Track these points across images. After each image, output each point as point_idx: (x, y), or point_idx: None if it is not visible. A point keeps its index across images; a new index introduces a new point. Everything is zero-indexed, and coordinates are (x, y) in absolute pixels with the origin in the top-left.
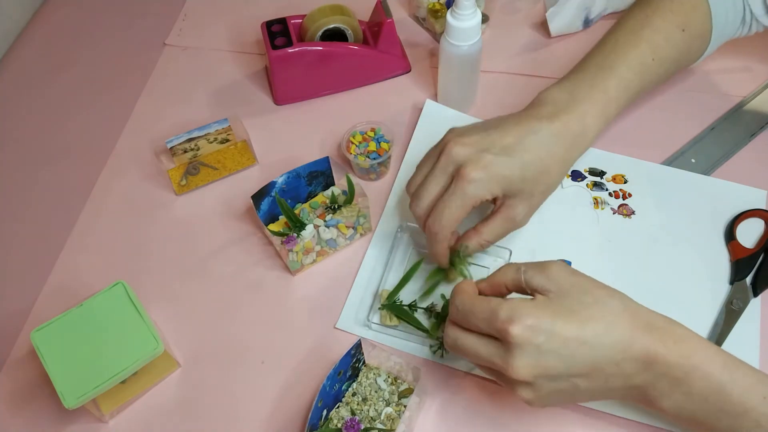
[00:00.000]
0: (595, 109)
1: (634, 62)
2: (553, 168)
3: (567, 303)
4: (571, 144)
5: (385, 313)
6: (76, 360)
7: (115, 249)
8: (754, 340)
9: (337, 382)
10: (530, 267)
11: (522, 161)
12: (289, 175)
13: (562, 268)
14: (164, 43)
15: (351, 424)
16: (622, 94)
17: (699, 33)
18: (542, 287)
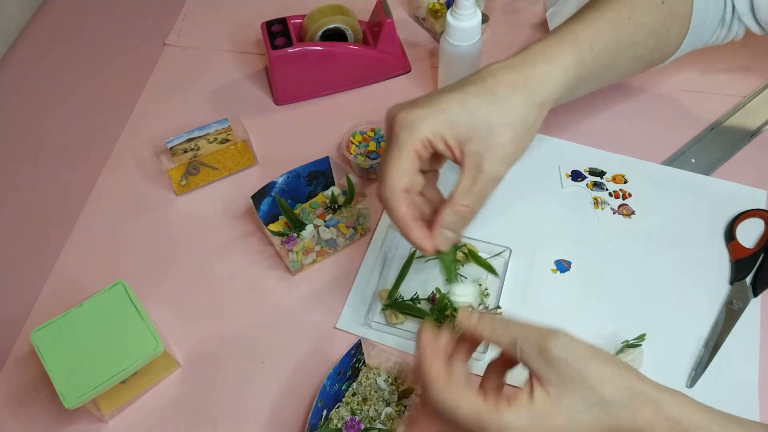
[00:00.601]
0: (560, 43)
1: (609, 15)
2: (510, 96)
3: (568, 404)
4: (531, 72)
5: (389, 312)
6: (76, 360)
7: (115, 249)
8: (754, 340)
9: (337, 382)
10: (528, 343)
11: (463, 93)
12: (289, 175)
13: (566, 348)
14: (164, 43)
15: (351, 424)
16: (595, 38)
17: (678, 10)
18: (542, 376)
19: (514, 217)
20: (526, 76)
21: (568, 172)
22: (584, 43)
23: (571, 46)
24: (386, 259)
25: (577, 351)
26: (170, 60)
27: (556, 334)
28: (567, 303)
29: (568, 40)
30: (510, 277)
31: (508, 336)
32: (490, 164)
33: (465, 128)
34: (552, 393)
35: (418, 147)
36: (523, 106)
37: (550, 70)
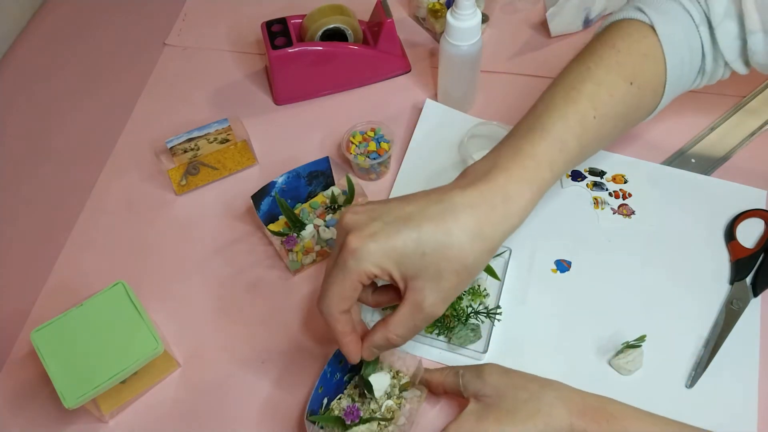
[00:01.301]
0: (521, 175)
1: (571, 121)
2: (464, 244)
3: (505, 405)
4: (488, 215)
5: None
6: (76, 360)
7: (115, 249)
8: (754, 340)
9: (339, 371)
10: (467, 372)
11: (419, 232)
12: (289, 175)
13: (495, 369)
14: (164, 43)
15: (350, 411)
16: (557, 156)
17: (650, 85)
18: (479, 392)
19: None
20: (483, 222)
21: (567, 172)
22: (545, 167)
23: (533, 176)
24: None
25: (505, 369)
26: (170, 60)
27: (488, 364)
28: (567, 303)
29: (530, 169)
30: (510, 277)
31: (451, 372)
32: (431, 306)
33: (414, 268)
34: (488, 401)
35: (362, 277)
36: (475, 256)
37: (509, 209)
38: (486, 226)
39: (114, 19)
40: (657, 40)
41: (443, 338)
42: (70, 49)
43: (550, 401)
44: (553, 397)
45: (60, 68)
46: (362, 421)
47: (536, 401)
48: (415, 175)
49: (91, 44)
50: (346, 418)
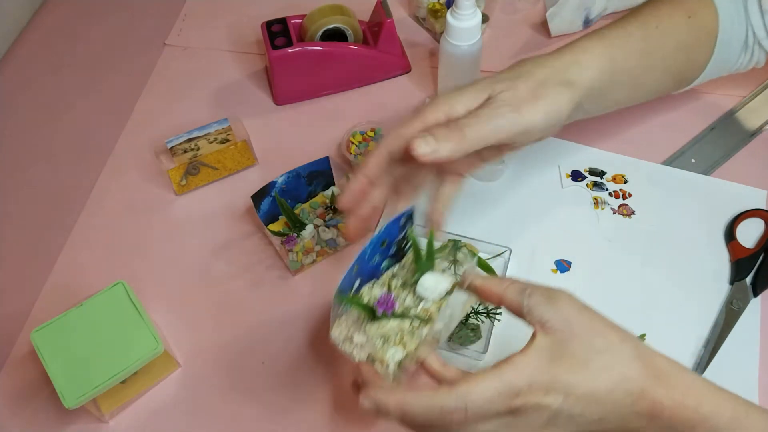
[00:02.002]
0: (594, 46)
1: (637, 21)
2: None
3: (578, 349)
4: (556, 71)
5: None
6: (76, 360)
7: (115, 249)
8: (754, 340)
9: (379, 254)
10: (536, 293)
11: (499, 75)
12: (289, 175)
13: (572, 302)
14: (164, 43)
15: (385, 301)
16: (625, 40)
17: (704, 25)
18: (548, 322)
19: (514, 217)
20: (554, 63)
21: (568, 172)
22: (613, 39)
23: (599, 41)
24: None
25: (582, 305)
26: (170, 60)
27: (563, 292)
28: None
29: (596, 38)
30: (510, 276)
31: (516, 287)
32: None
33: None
34: (558, 337)
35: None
36: (548, 79)
37: (578, 57)
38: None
39: (114, 19)
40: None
41: None
42: (69, 49)
43: (627, 358)
44: (631, 355)
45: (60, 68)
46: (393, 316)
47: (612, 355)
48: None
49: (91, 44)
50: (378, 307)
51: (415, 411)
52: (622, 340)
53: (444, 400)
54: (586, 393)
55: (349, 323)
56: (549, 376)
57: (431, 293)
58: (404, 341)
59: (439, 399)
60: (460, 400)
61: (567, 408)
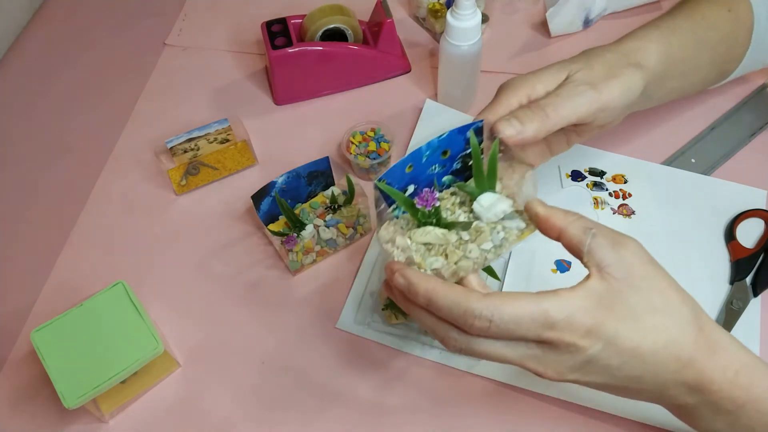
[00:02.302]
0: (651, 33)
1: (682, 16)
2: (607, 57)
3: (633, 302)
4: (626, 56)
5: (388, 312)
6: (76, 360)
7: (115, 249)
8: (754, 340)
9: (439, 163)
10: (602, 234)
11: (568, 63)
12: (289, 175)
13: (639, 250)
14: (164, 43)
15: (425, 196)
16: (676, 30)
17: (743, 19)
18: (608, 267)
19: None
20: (621, 49)
21: (568, 172)
22: (666, 29)
23: (655, 29)
24: (376, 260)
25: (650, 258)
26: (170, 60)
27: (631, 239)
28: None
29: (650, 28)
30: (510, 277)
31: (581, 224)
32: (582, 84)
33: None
34: (614, 285)
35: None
36: (619, 62)
37: (640, 44)
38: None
39: (114, 19)
40: None
41: None
42: (70, 50)
43: (683, 322)
44: (687, 319)
45: (60, 68)
46: (441, 224)
47: (668, 316)
48: None
49: (91, 44)
50: (418, 201)
51: (441, 303)
52: (682, 301)
53: (472, 303)
54: (630, 347)
55: (397, 227)
56: (593, 320)
57: (487, 212)
58: (446, 253)
59: (468, 300)
60: (487, 310)
61: (605, 357)
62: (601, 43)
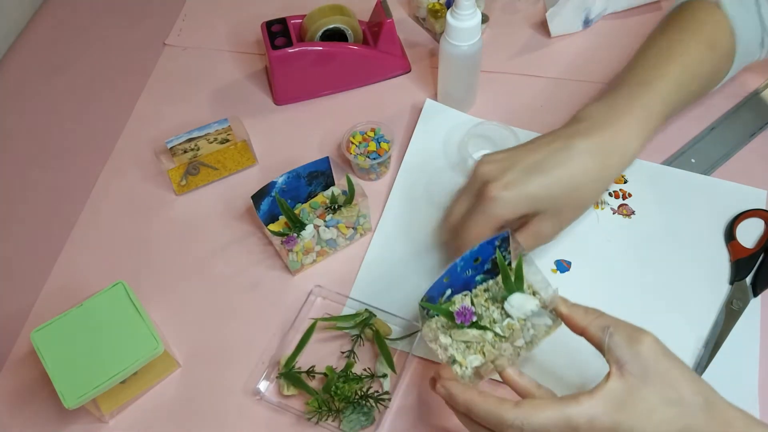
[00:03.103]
0: (636, 124)
1: (669, 78)
2: (586, 185)
3: (648, 396)
4: (607, 160)
5: (283, 381)
6: (76, 360)
7: (115, 249)
8: (754, 340)
9: (471, 268)
10: (619, 332)
11: (550, 178)
12: (289, 175)
13: (655, 344)
14: (164, 43)
15: (463, 312)
16: (662, 108)
17: (725, 51)
18: (626, 365)
19: None
20: (603, 167)
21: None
22: (654, 117)
23: (644, 126)
24: (293, 323)
25: (664, 351)
26: (170, 60)
27: (647, 332)
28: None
29: (642, 120)
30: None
31: (600, 322)
32: (550, 234)
33: (542, 208)
34: (631, 383)
35: (499, 221)
36: (593, 196)
37: (624, 156)
38: (605, 171)
39: (114, 19)
40: (724, 13)
41: (332, 423)
42: (69, 50)
43: (695, 411)
44: (699, 407)
45: (60, 68)
46: (476, 326)
47: (681, 406)
48: (415, 175)
49: (91, 44)
50: (456, 317)
51: (479, 412)
52: (695, 392)
53: (505, 413)
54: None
55: (438, 325)
56: (611, 420)
57: (517, 311)
58: (484, 350)
59: (501, 411)
60: (518, 420)
61: None
62: (601, 42)
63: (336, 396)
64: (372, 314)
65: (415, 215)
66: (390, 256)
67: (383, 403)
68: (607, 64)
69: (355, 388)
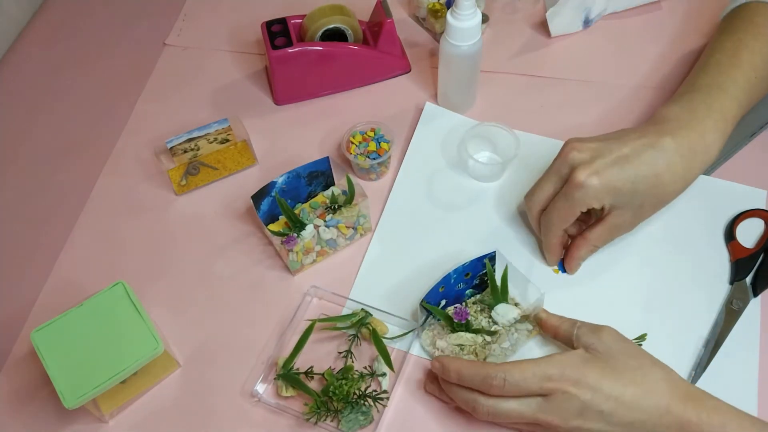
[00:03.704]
0: (716, 127)
1: (740, 81)
2: (669, 184)
3: (612, 363)
4: (692, 160)
5: (281, 383)
6: (76, 360)
7: (116, 249)
8: (754, 340)
9: (463, 282)
10: (585, 326)
11: (636, 174)
12: (289, 175)
13: (613, 332)
14: (164, 43)
15: (460, 312)
16: (736, 112)
17: None
18: (591, 345)
19: (515, 217)
20: (687, 167)
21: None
22: (729, 120)
23: (722, 128)
24: (290, 323)
25: (622, 337)
26: (170, 60)
27: (608, 327)
28: (567, 303)
29: (720, 122)
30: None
31: (569, 322)
32: (628, 227)
33: (623, 200)
34: (596, 355)
35: (583, 207)
36: (674, 194)
37: (706, 156)
38: (689, 171)
39: (114, 19)
40: None
41: (331, 423)
42: (69, 49)
43: (656, 377)
44: (660, 376)
45: (59, 68)
46: (469, 330)
47: (643, 373)
48: (415, 175)
49: (90, 44)
50: (455, 317)
51: (467, 374)
52: (653, 364)
53: (488, 369)
54: (614, 395)
55: (434, 332)
56: (579, 373)
57: (502, 319)
58: (476, 351)
59: (485, 368)
60: (501, 372)
61: (596, 404)
62: (601, 42)
63: (334, 396)
64: (368, 314)
65: (415, 215)
66: (390, 256)
67: (381, 402)
68: (607, 64)
69: (353, 388)
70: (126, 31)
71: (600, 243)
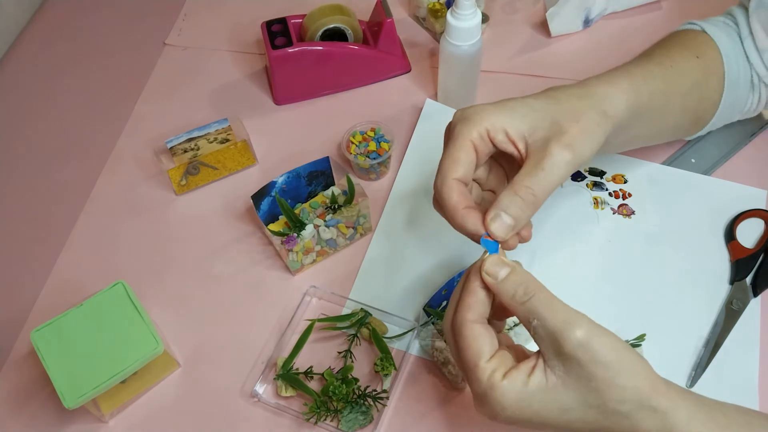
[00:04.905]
0: (621, 80)
1: (653, 63)
2: (576, 106)
3: (562, 400)
4: (591, 94)
5: (280, 383)
6: (76, 360)
7: (115, 249)
8: (754, 340)
9: None
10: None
11: (524, 98)
12: (289, 175)
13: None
14: (164, 43)
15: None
16: (647, 77)
17: (713, 65)
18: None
19: None
20: (588, 93)
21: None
22: (637, 76)
23: (625, 77)
24: (290, 323)
25: (593, 351)
26: (170, 60)
27: (574, 331)
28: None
29: (620, 73)
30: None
31: (526, 309)
32: (557, 147)
33: (528, 122)
34: (551, 382)
35: (475, 138)
36: (588, 110)
37: (609, 90)
38: (592, 95)
39: (114, 19)
40: (711, 39)
41: (331, 423)
42: (69, 49)
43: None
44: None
45: (59, 68)
46: None
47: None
48: (415, 175)
49: (90, 44)
50: None
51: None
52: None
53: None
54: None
55: (434, 332)
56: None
57: None
58: None
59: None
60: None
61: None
62: (601, 42)
63: (334, 396)
64: (368, 313)
65: (415, 215)
66: (390, 256)
67: (381, 401)
68: (607, 64)
69: (353, 387)
70: (126, 31)
71: (529, 182)
